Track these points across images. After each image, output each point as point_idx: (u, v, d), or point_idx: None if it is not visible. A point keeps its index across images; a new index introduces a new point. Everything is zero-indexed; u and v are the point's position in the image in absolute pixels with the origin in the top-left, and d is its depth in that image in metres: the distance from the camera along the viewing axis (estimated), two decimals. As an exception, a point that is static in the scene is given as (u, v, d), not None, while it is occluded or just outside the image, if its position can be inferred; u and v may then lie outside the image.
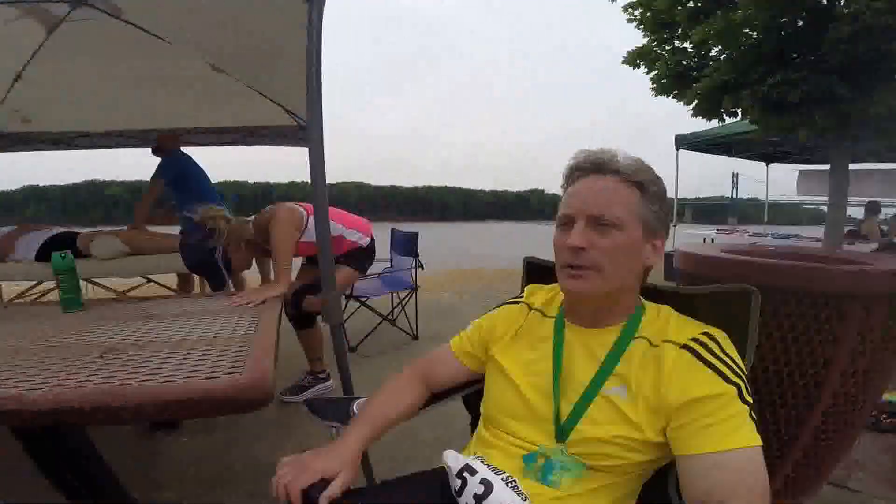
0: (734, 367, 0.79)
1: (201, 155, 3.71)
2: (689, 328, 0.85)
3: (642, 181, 0.87)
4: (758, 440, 0.74)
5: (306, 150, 1.55)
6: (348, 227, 2.63)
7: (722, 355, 0.80)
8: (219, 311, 1.70)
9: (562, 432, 0.85)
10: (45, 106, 3.07)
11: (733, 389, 0.76)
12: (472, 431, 1.06)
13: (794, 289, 1.41)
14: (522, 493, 0.82)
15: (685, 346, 0.81)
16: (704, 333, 0.83)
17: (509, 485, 0.83)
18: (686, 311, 0.92)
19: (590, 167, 0.89)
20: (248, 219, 2.40)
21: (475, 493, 0.82)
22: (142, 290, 3.67)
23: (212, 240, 2.22)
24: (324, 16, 1.49)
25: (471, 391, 1.12)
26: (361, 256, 2.74)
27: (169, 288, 3.75)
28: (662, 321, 0.88)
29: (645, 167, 0.89)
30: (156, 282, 3.75)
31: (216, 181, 3.75)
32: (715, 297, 0.95)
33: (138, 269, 3.06)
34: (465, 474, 0.85)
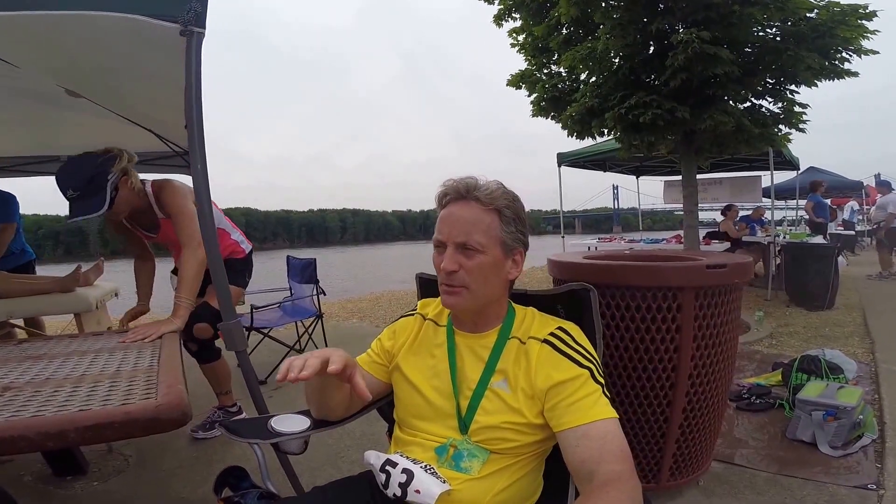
0: (586, 354, 0.99)
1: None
2: (547, 325, 1.04)
3: (499, 208, 0.99)
4: (613, 413, 0.92)
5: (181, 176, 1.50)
6: (232, 227, 2.56)
7: (574, 345, 1.00)
8: (113, 348, 1.66)
9: (464, 425, 1.00)
10: None
11: (586, 372, 0.95)
12: (390, 437, 1.19)
13: (638, 285, 1.69)
14: (441, 478, 0.95)
15: (545, 341, 1.00)
16: (559, 328, 1.03)
17: (428, 471, 0.96)
18: (550, 310, 1.13)
19: (455, 194, 1.01)
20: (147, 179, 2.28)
21: (399, 482, 0.94)
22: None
23: (111, 166, 2.06)
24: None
25: (383, 403, 1.24)
26: (240, 267, 2.61)
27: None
28: (528, 321, 1.07)
29: (500, 194, 1.00)
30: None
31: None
32: (567, 296, 1.16)
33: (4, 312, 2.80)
34: (388, 468, 0.98)
